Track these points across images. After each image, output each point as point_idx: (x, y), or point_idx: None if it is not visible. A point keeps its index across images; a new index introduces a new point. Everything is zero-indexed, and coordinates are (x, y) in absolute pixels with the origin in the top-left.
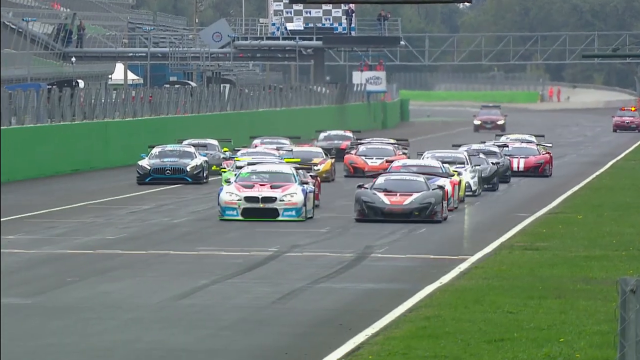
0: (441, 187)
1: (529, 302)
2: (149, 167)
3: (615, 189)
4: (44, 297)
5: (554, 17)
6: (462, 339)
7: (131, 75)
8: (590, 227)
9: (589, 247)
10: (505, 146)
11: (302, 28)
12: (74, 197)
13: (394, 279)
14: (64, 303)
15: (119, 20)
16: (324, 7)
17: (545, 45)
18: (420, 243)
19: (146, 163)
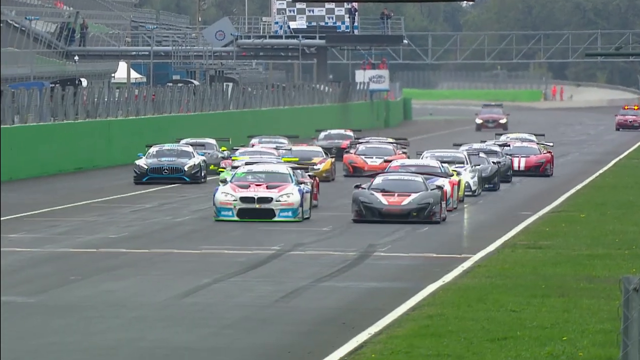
0: (440, 188)
1: (532, 301)
2: (146, 167)
3: (618, 187)
4: (46, 295)
5: (557, 16)
6: (465, 338)
7: (134, 74)
8: (593, 225)
9: (592, 245)
10: (506, 145)
11: (305, 27)
12: (76, 195)
13: (397, 278)
14: (67, 302)
15: (122, 19)
16: (327, 5)
17: (548, 43)
18: (423, 242)
19: (143, 162)
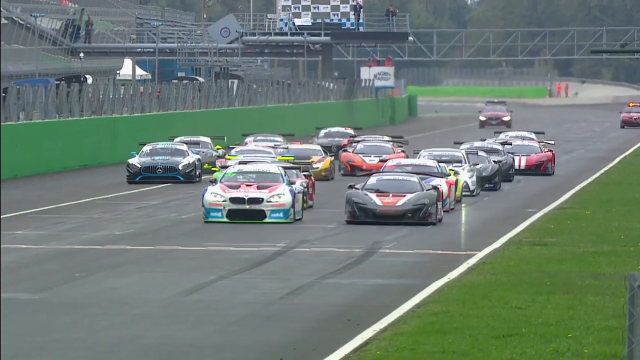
0: (436, 188)
1: (537, 298)
2: (139, 166)
3: (623, 184)
4: (51, 292)
5: (562, 13)
6: (470, 335)
7: (139, 71)
8: (598, 222)
9: (597, 242)
10: (508, 144)
11: (310, 23)
12: (82, 192)
13: (402, 275)
14: (72, 298)
15: (127, 16)
16: (332, 2)
17: (554, 40)
18: (428, 238)
19: (137, 161)
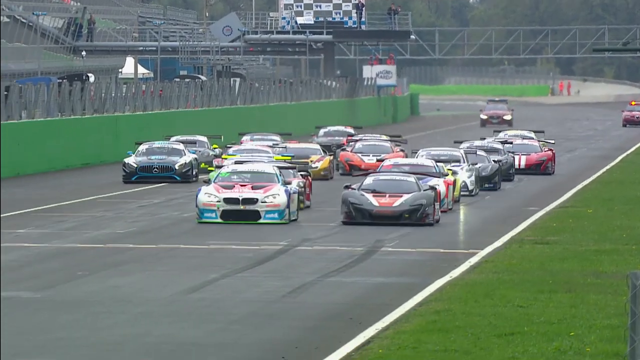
0: (433, 188)
1: (539, 296)
2: (135, 165)
3: (625, 182)
4: (53, 291)
5: (564, 11)
6: (473, 333)
7: (141, 69)
8: (600, 221)
9: (599, 241)
10: (509, 143)
11: (313, 22)
12: (84, 191)
13: (404, 273)
14: (74, 297)
15: (129, 14)
16: (334, 1)
17: (556, 39)
18: (430, 237)
19: (133, 161)
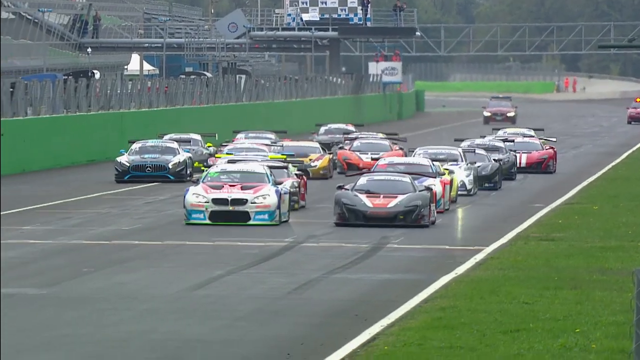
0: (429, 189)
1: (544, 293)
2: (128, 164)
3: (631, 179)
4: (59, 287)
5: (570, 8)
6: (478, 330)
7: (147, 66)
8: (606, 217)
9: (604, 237)
10: (510, 141)
11: (318, 19)
12: (89, 187)
13: (410, 270)
14: (79, 294)
15: (135, 11)
16: None
17: (561, 35)
18: (435, 234)
19: (125, 160)
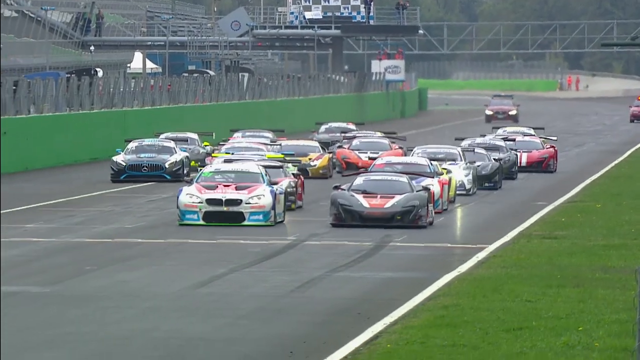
0: (426, 189)
1: (547, 291)
2: (124, 164)
3: (634, 177)
4: (62, 285)
5: (573, 6)
6: (481, 328)
7: (150, 64)
8: (609, 215)
9: (607, 235)
10: (511, 140)
11: (321, 17)
12: (92, 185)
13: (412, 268)
14: (82, 292)
15: (138, 9)
16: None
17: (564, 33)
18: (438, 232)
19: (121, 159)
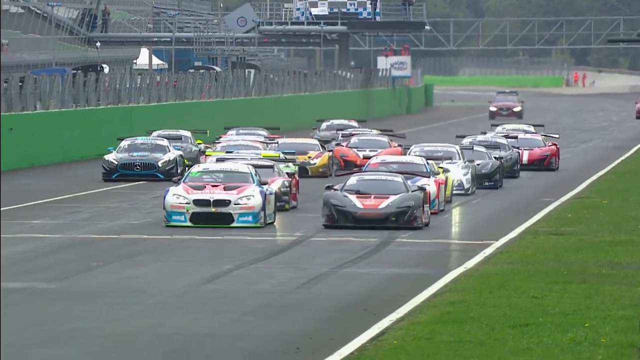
0: (422, 189)
1: (553, 287)
2: (116, 162)
3: None
4: (68, 281)
5: (579, 2)
6: (487, 324)
7: (156, 60)
8: (615, 211)
9: (614, 232)
10: (513, 137)
11: (327, 13)
12: (98, 182)
13: (419, 264)
14: (89, 288)
15: (144, 5)
16: None
17: (571, 29)
18: (444, 228)
19: (113, 157)
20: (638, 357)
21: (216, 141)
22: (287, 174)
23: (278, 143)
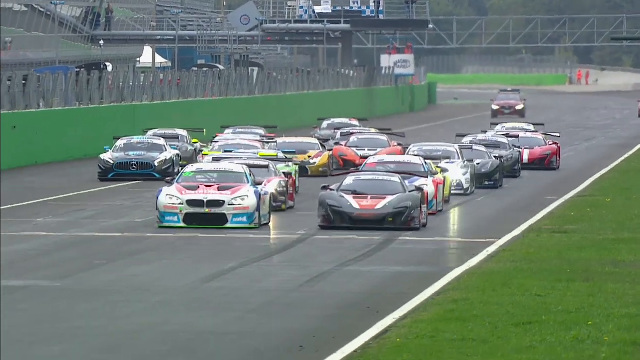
0: (419, 189)
1: (557, 285)
2: (112, 162)
3: None
4: (71, 279)
5: (583, 0)
6: (490, 322)
7: (159, 58)
8: (619, 210)
9: (617, 230)
10: (514, 136)
11: (330, 11)
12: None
13: (422, 262)
14: (92, 286)
15: (147, 3)
16: None
17: (574, 27)
18: (448, 226)
19: (109, 157)
20: None
21: (213, 140)
22: (284, 173)
23: (277, 142)
